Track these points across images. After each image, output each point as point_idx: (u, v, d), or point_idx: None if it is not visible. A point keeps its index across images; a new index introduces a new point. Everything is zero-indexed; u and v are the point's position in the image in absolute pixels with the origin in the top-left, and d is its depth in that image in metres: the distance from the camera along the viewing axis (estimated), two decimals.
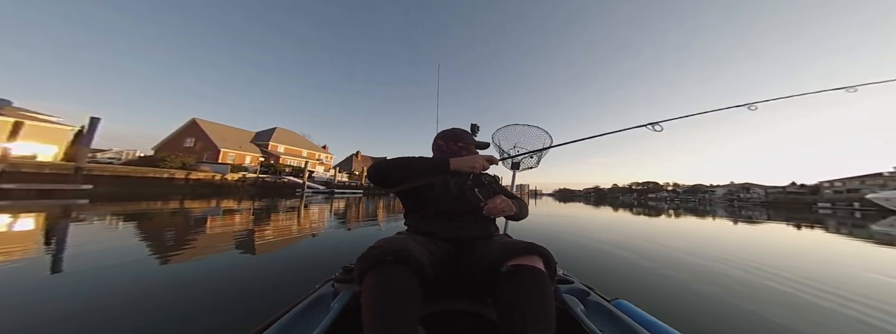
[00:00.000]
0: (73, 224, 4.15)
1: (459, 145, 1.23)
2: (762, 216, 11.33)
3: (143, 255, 2.50)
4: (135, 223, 4.36)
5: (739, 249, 3.69)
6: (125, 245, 2.88)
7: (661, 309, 1.65)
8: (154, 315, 1.40)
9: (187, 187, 17.70)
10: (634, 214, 10.23)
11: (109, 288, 1.72)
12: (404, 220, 1.19)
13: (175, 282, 1.85)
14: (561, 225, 5.95)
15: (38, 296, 1.58)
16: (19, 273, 1.95)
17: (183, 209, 6.70)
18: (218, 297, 1.63)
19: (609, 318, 0.85)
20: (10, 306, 1.46)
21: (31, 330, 1.24)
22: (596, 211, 11.96)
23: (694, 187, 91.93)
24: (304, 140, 43.18)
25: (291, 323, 0.76)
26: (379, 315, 0.63)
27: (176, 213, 5.83)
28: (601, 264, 2.69)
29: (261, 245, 3.12)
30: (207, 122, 32.03)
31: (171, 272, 2.10)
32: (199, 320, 1.37)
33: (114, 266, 2.14)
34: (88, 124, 13.27)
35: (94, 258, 2.33)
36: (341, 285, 0.92)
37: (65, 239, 3.12)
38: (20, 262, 2.18)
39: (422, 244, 0.87)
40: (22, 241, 2.91)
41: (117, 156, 21.01)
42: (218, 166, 21.82)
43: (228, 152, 30.04)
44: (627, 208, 15.24)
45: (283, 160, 34.11)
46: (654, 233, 4.99)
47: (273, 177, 23.49)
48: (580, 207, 14.87)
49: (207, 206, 7.62)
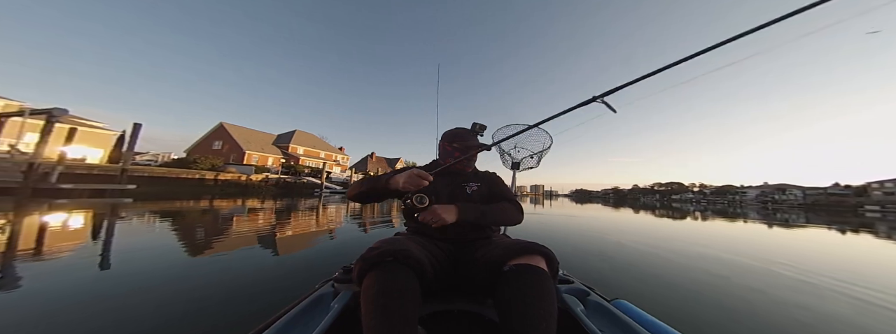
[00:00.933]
0: (124, 221, 4.80)
1: (454, 146, 1.19)
2: (800, 219, 10.56)
3: (185, 247, 2.99)
4: (175, 220, 4.97)
5: (768, 251, 3.57)
6: (165, 239, 3.41)
7: (662, 309, 1.64)
8: (197, 299, 1.66)
9: (216, 187, 18.97)
10: (657, 216, 9.67)
11: (154, 276, 2.02)
12: (404, 221, 1.21)
13: (212, 275, 2.09)
14: (572, 226, 5.90)
15: (123, 280, 2.05)
16: (91, 263, 2.45)
17: (213, 208, 7.38)
18: (254, 288, 1.85)
19: (609, 318, 0.85)
20: (106, 278, 1.93)
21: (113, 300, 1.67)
22: (615, 212, 11.37)
23: (723, 188, 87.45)
24: (321, 142, 44.77)
25: (291, 323, 0.76)
26: (378, 315, 0.63)
27: (206, 212, 6.48)
28: (601, 264, 2.69)
29: (285, 241, 3.56)
30: (233, 126, 33.91)
31: (208, 263, 2.46)
32: (235, 306, 1.60)
33: (159, 255, 2.62)
34: (131, 129, 14.56)
35: (141, 249, 2.83)
36: (341, 285, 0.93)
37: (116, 233, 3.71)
38: (91, 257, 2.62)
39: (421, 244, 0.88)
40: (95, 234, 3.52)
41: (154, 159, 22.80)
42: (243, 167, 23.21)
43: (252, 154, 31.69)
44: (649, 210, 14.45)
45: (303, 161, 35.58)
46: (675, 236, 4.86)
47: (293, 178, 24.65)
48: (597, 208, 14.33)
49: (235, 205, 8.32)
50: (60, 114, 12.01)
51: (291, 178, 24.53)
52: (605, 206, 17.97)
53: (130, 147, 14.58)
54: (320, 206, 9.12)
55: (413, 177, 0.93)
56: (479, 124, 1.21)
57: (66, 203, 7.23)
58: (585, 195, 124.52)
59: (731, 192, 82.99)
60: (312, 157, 38.25)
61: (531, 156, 1.88)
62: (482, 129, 1.21)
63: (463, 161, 1.15)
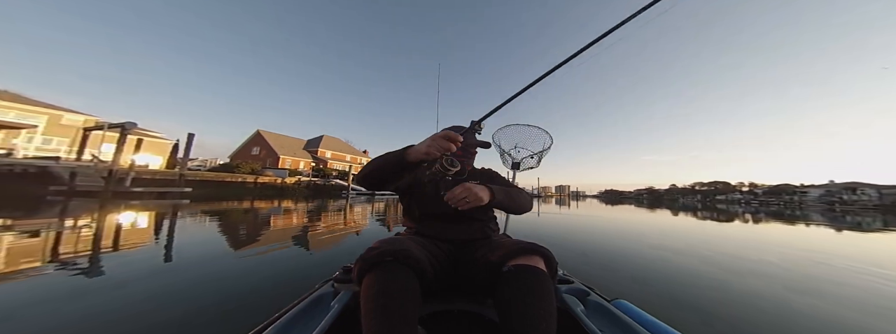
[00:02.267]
0: (183, 219, 5.77)
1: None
2: (876, 222, 9.20)
3: (231, 242, 3.58)
4: (224, 218, 5.86)
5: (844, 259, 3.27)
6: (216, 234, 4.17)
7: (661, 309, 1.63)
8: (250, 284, 1.92)
9: (256, 189, 20.86)
10: (699, 219, 8.86)
11: (212, 266, 2.31)
12: (403, 221, 1.20)
13: (252, 266, 2.34)
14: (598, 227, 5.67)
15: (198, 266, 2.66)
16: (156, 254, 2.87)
17: (253, 208, 8.37)
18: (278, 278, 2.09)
19: (609, 318, 0.86)
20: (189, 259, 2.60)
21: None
22: (652, 214, 10.58)
23: (778, 188, 76.82)
24: (347, 146, 47.10)
25: (291, 323, 0.77)
26: (378, 315, 0.63)
27: (248, 212, 7.41)
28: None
29: (315, 238, 4.20)
30: (269, 133, 36.77)
31: (252, 254, 2.83)
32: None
33: (210, 249, 2.95)
34: (186, 139, 16.58)
35: (197, 244, 3.31)
36: (341, 285, 0.94)
37: (177, 230, 4.55)
38: (157, 249, 2.99)
39: (421, 244, 0.87)
40: (157, 231, 4.39)
41: (203, 164, 25.46)
42: (278, 171, 25.23)
43: (286, 158, 34.14)
44: (689, 212, 13.40)
45: (331, 164, 37.74)
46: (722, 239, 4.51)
47: (322, 181, 26.41)
48: (631, 210, 13.37)
49: (272, 206, 9.35)
50: (131, 128, 14.03)
51: (321, 181, 26.33)
52: (638, 208, 16.97)
53: (186, 154, 16.60)
54: (347, 207, 9.95)
55: (438, 140, 0.83)
56: (476, 122, 1.18)
57: (138, 204, 8.56)
58: (616, 196, 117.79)
59: (788, 192, 74.12)
60: (339, 161, 40.45)
61: (531, 156, 1.87)
62: (480, 128, 1.22)
63: (461, 158, 1.14)
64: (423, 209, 1.10)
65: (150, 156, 22.24)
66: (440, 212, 1.03)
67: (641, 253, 3.27)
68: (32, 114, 20.07)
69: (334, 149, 42.19)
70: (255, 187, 21.32)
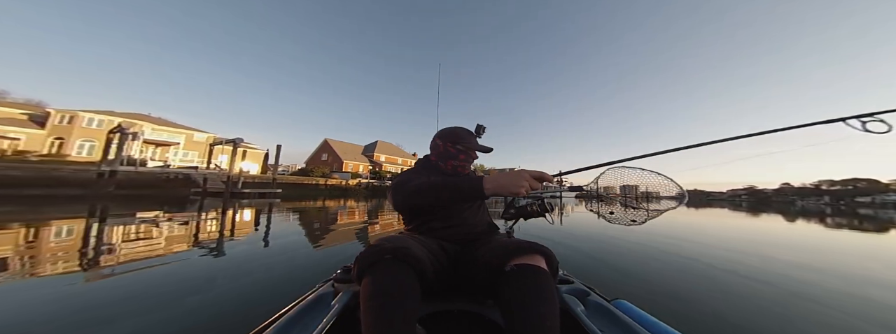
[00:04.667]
0: (280, 215, 7.96)
1: (458, 148, 1.15)
2: None
3: (307, 232, 4.81)
4: (306, 214, 7.81)
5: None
6: (299, 226, 5.94)
7: (662, 309, 1.62)
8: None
9: (326, 190, 24.74)
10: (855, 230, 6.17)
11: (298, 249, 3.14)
12: (404, 220, 1.19)
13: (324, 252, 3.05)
14: None
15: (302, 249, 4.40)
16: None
17: (325, 206, 10.42)
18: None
19: (609, 318, 0.85)
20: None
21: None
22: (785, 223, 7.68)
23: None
24: (398, 149, 51.37)
25: (291, 323, 0.77)
26: (378, 314, 0.63)
27: (321, 209, 9.31)
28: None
29: (370, 229, 5.74)
30: (334, 141, 42.39)
31: (327, 242, 4.42)
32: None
33: (300, 237, 4.23)
34: (275, 149, 20.79)
35: (288, 234, 4.49)
36: (341, 285, 0.94)
37: (274, 221, 6.41)
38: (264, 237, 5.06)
39: (422, 243, 0.87)
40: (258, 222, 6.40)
41: (286, 169, 30.83)
42: (343, 174, 29.41)
43: (348, 163, 38.95)
44: (814, 217, 10.41)
45: (385, 167, 41.75)
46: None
47: (379, 182, 29.84)
48: (732, 216, 10.10)
49: (339, 205, 11.55)
50: (240, 142, 18.29)
51: (377, 182, 29.79)
52: (734, 211, 13.61)
53: (276, 162, 20.84)
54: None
55: (532, 181, 0.80)
56: (482, 126, 1.21)
57: (247, 202, 11.48)
58: (703, 197, 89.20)
59: None
60: (392, 164, 44.50)
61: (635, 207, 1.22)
62: (483, 131, 1.22)
63: (464, 162, 1.17)
64: (428, 210, 1.09)
65: (250, 164, 27.90)
66: (453, 211, 1.08)
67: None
68: (175, 134, 26.94)
69: (388, 153, 46.48)
70: (325, 188, 25.25)
